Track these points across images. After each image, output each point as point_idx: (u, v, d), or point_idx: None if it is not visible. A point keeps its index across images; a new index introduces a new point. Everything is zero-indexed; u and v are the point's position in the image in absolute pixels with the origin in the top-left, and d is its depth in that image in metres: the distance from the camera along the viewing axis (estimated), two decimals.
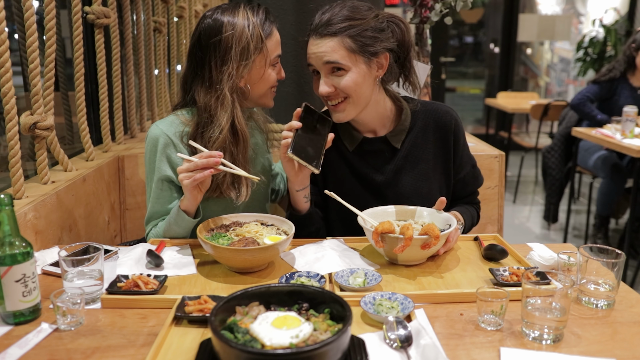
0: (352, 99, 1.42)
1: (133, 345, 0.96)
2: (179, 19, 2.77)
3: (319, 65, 1.41)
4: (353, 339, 0.91)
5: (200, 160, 1.30)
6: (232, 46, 1.39)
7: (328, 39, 1.38)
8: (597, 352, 0.94)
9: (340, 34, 1.37)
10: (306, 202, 1.49)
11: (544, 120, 5.04)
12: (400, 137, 1.53)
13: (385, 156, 1.54)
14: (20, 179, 1.44)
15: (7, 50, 1.35)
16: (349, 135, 1.56)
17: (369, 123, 1.53)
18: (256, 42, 1.40)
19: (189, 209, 1.39)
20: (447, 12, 2.15)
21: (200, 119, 1.44)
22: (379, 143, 1.54)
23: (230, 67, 1.39)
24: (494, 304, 1.00)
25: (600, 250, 1.15)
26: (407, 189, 1.53)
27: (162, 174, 1.46)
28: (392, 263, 1.31)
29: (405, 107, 1.55)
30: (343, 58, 1.38)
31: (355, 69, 1.39)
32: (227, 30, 1.39)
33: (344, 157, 1.57)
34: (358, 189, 1.55)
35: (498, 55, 7.25)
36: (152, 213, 1.50)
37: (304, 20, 1.93)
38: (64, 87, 2.19)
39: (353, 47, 1.38)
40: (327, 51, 1.38)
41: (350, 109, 1.44)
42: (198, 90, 1.45)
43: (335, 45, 1.37)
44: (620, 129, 3.24)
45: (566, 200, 4.05)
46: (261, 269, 1.28)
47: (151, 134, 1.47)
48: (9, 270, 1.00)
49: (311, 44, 1.42)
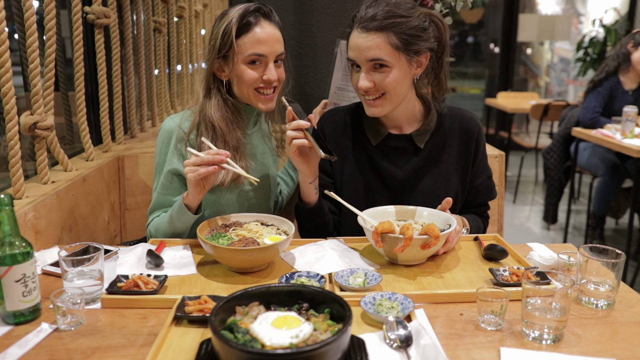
0: (390, 96, 1.43)
1: (133, 345, 0.96)
2: (179, 19, 2.77)
3: (361, 60, 1.41)
4: (353, 339, 0.91)
5: (206, 157, 1.31)
6: (210, 40, 1.46)
7: (374, 34, 1.37)
8: (597, 352, 0.94)
9: (386, 30, 1.37)
10: (316, 193, 1.50)
11: (544, 120, 5.05)
12: (425, 137, 1.54)
13: (407, 154, 1.55)
14: (20, 179, 1.44)
15: (7, 50, 1.35)
16: (374, 130, 1.56)
17: (397, 120, 1.54)
18: (226, 37, 1.42)
19: (191, 204, 1.40)
20: (447, 12, 2.15)
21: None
22: (403, 141, 1.54)
23: (209, 61, 1.46)
24: (494, 304, 1.00)
25: (600, 250, 1.15)
26: (425, 188, 1.54)
27: (173, 167, 1.49)
28: (392, 263, 1.31)
29: (433, 108, 1.56)
30: (388, 55, 1.38)
31: (397, 67, 1.40)
32: (214, 25, 1.46)
33: (365, 151, 1.57)
34: (376, 183, 1.56)
35: (498, 55, 7.25)
36: (156, 204, 1.53)
37: (304, 20, 1.93)
38: (64, 87, 2.19)
39: (398, 44, 1.38)
40: (372, 46, 1.37)
41: (387, 105, 1.45)
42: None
43: (381, 41, 1.37)
44: (620, 129, 3.24)
45: (566, 200, 4.05)
46: (261, 269, 1.28)
47: (165, 126, 1.52)
48: (9, 270, 1.00)
49: (355, 37, 1.40)
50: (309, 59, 1.96)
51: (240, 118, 1.53)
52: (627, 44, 3.62)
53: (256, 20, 1.42)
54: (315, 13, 1.92)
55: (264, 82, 1.46)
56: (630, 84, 3.66)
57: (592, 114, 3.67)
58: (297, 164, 1.43)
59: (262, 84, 1.46)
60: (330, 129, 1.60)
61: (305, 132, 1.37)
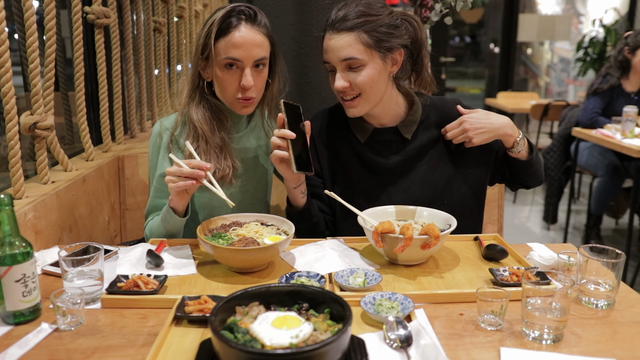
0: (367, 95, 1.45)
1: (133, 345, 0.96)
2: (179, 19, 2.77)
3: (335, 61, 1.42)
4: (353, 339, 0.91)
5: (186, 170, 1.31)
6: (196, 40, 1.46)
7: (345, 34, 1.39)
8: (597, 352, 0.94)
9: (356, 29, 1.39)
10: (303, 197, 1.51)
11: (544, 120, 5.05)
12: (411, 128, 1.55)
13: (396, 145, 1.56)
14: (20, 179, 1.44)
15: (7, 50, 1.35)
16: (360, 128, 1.57)
17: (380, 117, 1.55)
18: (207, 39, 1.41)
19: (177, 208, 1.41)
20: (447, 12, 2.15)
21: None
22: (390, 133, 1.56)
23: (194, 60, 1.47)
24: (494, 304, 1.00)
25: (600, 250, 1.15)
26: (418, 177, 1.56)
27: (163, 170, 1.50)
28: (392, 263, 1.31)
29: (417, 101, 1.57)
30: (359, 53, 1.40)
31: (371, 64, 1.42)
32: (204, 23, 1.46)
33: (354, 149, 1.58)
34: (368, 179, 1.57)
35: (498, 55, 7.25)
36: (151, 207, 1.55)
37: (304, 20, 1.93)
38: (64, 87, 2.19)
39: (369, 42, 1.40)
40: (343, 46, 1.40)
41: (364, 104, 1.47)
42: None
43: (352, 40, 1.39)
44: (620, 129, 3.24)
45: (566, 200, 4.05)
46: (261, 269, 1.28)
47: (155, 129, 1.55)
48: (9, 270, 1.00)
49: (327, 39, 1.43)
50: (309, 59, 1.95)
51: (225, 118, 1.53)
52: (623, 50, 3.62)
53: (237, 22, 1.40)
54: (315, 13, 1.91)
55: (241, 89, 1.43)
56: (632, 87, 3.66)
57: (591, 114, 3.67)
58: (280, 171, 1.44)
59: (239, 91, 1.43)
60: (318, 130, 1.62)
61: (288, 141, 1.37)
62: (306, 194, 1.52)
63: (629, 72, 3.62)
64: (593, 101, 3.69)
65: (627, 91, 3.66)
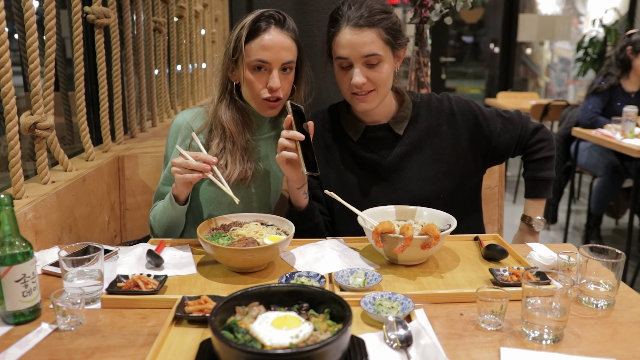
0: (380, 90, 1.47)
1: (133, 345, 0.96)
2: (179, 19, 2.77)
3: (355, 57, 1.43)
4: (353, 339, 0.91)
5: (193, 163, 1.34)
6: (226, 43, 1.49)
7: (367, 30, 1.41)
8: (597, 352, 0.94)
9: (377, 26, 1.41)
10: (305, 198, 1.51)
11: (544, 120, 5.04)
12: (403, 124, 1.57)
13: (389, 142, 1.57)
14: (20, 179, 1.44)
15: (7, 50, 1.35)
16: (353, 126, 1.58)
17: (374, 114, 1.56)
18: (237, 41, 1.44)
19: (179, 196, 1.45)
20: (447, 12, 2.15)
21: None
22: (382, 130, 1.57)
23: (224, 64, 1.49)
24: (494, 304, 1.00)
25: (600, 250, 1.15)
26: (413, 172, 1.56)
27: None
28: (392, 263, 1.31)
29: (407, 98, 1.59)
30: (380, 49, 1.42)
31: (387, 61, 1.45)
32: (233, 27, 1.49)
33: (348, 148, 1.59)
34: (363, 177, 1.58)
35: (498, 55, 7.25)
36: (159, 193, 1.60)
37: (304, 20, 1.93)
38: (64, 87, 2.19)
39: (388, 38, 1.43)
40: (367, 42, 1.41)
41: (376, 99, 1.49)
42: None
43: (375, 36, 1.41)
44: (620, 129, 3.24)
45: (566, 200, 4.04)
46: (261, 269, 1.28)
47: (176, 120, 1.58)
48: (9, 270, 1.00)
49: (346, 35, 1.42)
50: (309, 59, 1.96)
51: (250, 120, 1.55)
52: (626, 49, 3.61)
53: (267, 26, 1.43)
54: (315, 13, 1.91)
55: (268, 90, 1.45)
56: (632, 87, 3.66)
57: (591, 114, 3.67)
58: (285, 172, 1.44)
59: (267, 92, 1.45)
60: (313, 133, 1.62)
61: (297, 143, 1.37)
62: (308, 194, 1.52)
63: (630, 72, 3.62)
64: (593, 101, 3.69)
65: (627, 91, 3.66)
